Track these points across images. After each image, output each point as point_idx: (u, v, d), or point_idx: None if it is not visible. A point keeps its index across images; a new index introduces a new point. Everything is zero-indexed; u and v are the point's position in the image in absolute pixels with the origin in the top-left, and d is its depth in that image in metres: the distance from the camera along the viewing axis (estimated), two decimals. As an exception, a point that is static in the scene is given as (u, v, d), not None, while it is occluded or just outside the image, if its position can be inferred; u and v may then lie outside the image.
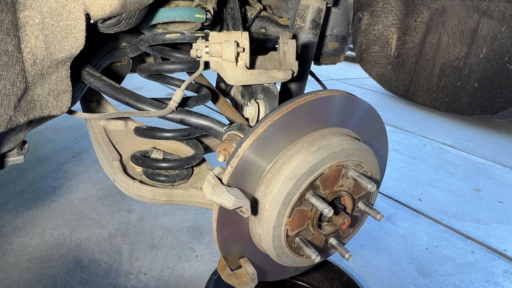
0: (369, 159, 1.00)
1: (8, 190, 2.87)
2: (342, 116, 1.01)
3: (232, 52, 0.92)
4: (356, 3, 1.13)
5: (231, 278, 1.03)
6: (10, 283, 2.04)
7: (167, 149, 1.34)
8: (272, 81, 1.01)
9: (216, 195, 0.82)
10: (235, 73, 0.96)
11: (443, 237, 2.73)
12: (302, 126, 0.94)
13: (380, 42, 1.08)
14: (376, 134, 1.15)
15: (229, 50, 0.91)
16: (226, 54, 0.92)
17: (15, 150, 1.07)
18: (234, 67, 0.94)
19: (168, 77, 1.33)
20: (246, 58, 0.95)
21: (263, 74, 0.98)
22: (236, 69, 0.95)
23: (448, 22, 1.06)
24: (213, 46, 0.93)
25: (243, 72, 0.96)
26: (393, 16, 1.04)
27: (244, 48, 0.94)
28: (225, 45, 0.92)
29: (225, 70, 0.95)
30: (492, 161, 3.99)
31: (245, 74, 0.96)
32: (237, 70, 0.95)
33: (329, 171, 0.93)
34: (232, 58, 0.93)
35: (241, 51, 0.94)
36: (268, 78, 0.99)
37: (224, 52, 0.92)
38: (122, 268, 2.20)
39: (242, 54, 0.94)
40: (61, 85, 0.87)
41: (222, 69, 0.95)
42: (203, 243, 2.44)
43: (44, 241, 2.38)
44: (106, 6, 0.79)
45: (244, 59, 0.95)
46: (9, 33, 0.72)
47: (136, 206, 2.77)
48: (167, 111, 1.01)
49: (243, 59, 0.96)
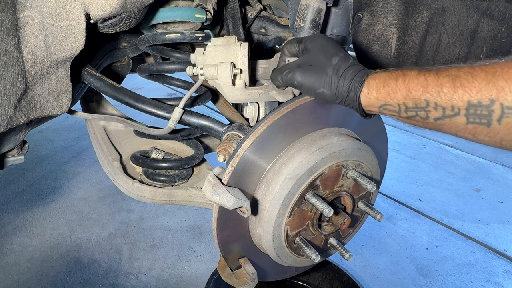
0: (369, 159, 1.00)
1: (8, 190, 2.87)
2: (342, 116, 1.01)
3: (228, 76, 0.87)
4: (356, 3, 1.13)
5: (231, 278, 1.03)
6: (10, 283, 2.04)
7: (167, 149, 1.34)
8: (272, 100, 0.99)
9: (216, 195, 0.82)
10: (233, 93, 0.92)
11: (443, 237, 2.73)
12: (302, 126, 0.94)
13: (380, 42, 1.08)
14: (376, 134, 1.15)
15: (225, 74, 0.86)
16: (222, 78, 0.87)
17: (15, 150, 1.07)
18: (232, 87, 0.90)
19: (168, 77, 1.33)
20: (245, 76, 0.90)
21: (262, 95, 0.94)
22: (234, 89, 0.91)
23: (448, 22, 1.06)
24: (208, 70, 0.87)
25: (242, 92, 0.92)
26: (393, 16, 1.04)
27: (242, 69, 0.89)
28: (220, 68, 0.86)
29: (223, 90, 0.92)
30: (492, 161, 3.99)
31: (244, 94, 0.92)
32: (235, 91, 0.91)
33: (329, 171, 0.93)
34: (228, 82, 0.88)
35: (238, 73, 0.88)
36: (268, 98, 0.96)
37: (219, 76, 0.87)
38: (122, 268, 2.20)
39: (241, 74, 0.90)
40: (61, 85, 0.87)
41: (220, 89, 0.92)
42: (203, 243, 2.44)
43: (44, 241, 2.38)
44: (106, 6, 0.79)
45: (243, 78, 0.90)
46: (9, 33, 0.72)
47: (136, 206, 2.77)
48: (166, 131, 1.02)
49: (242, 78, 0.91)
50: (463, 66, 0.64)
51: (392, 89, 0.70)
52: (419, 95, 0.66)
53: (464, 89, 0.60)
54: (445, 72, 0.64)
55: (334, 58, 0.78)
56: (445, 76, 0.64)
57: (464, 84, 0.61)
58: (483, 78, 0.58)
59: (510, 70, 0.56)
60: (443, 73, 0.64)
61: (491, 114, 0.58)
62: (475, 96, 0.59)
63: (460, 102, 0.61)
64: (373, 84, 0.73)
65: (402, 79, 0.69)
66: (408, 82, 0.68)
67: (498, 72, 0.57)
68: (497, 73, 0.57)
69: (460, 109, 0.62)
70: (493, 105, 0.58)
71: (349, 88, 0.76)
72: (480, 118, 0.60)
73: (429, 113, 0.66)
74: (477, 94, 0.59)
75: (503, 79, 0.57)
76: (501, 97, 0.57)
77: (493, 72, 0.58)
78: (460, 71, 0.62)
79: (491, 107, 0.58)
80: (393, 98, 0.70)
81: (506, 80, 0.56)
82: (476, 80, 0.59)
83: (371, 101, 0.74)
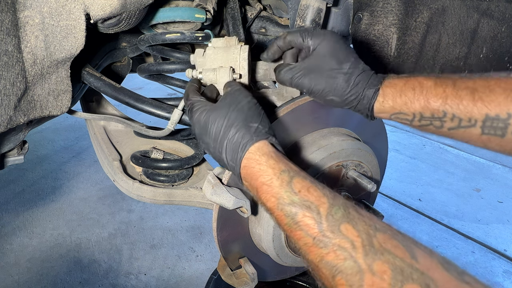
0: (369, 159, 1.00)
1: (8, 190, 2.87)
2: (342, 116, 1.01)
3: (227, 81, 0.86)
4: (356, 3, 1.13)
5: (231, 278, 1.03)
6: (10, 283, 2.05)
7: (167, 149, 1.34)
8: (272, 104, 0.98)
9: (216, 195, 0.82)
10: None
11: (443, 237, 2.73)
12: (302, 126, 0.94)
13: (380, 42, 1.08)
14: (376, 134, 1.15)
15: (224, 80, 0.85)
16: (221, 83, 0.86)
17: (15, 150, 1.07)
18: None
19: (168, 77, 1.33)
20: (244, 81, 0.89)
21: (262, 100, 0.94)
22: None
23: (448, 22, 1.06)
24: (207, 75, 0.86)
25: None
26: (393, 16, 1.04)
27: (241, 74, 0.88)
28: (219, 73, 0.85)
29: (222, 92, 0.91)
30: (492, 161, 3.99)
31: None
32: None
33: (329, 171, 0.93)
34: None
35: (237, 78, 0.88)
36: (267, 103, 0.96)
37: (218, 81, 0.86)
38: (122, 268, 2.20)
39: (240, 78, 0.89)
40: (61, 85, 0.87)
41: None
42: (203, 243, 2.44)
43: (44, 241, 2.38)
44: (106, 6, 0.79)
45: (243, 82, 0.89)
46: (9, 33, 0.72)
47: (136, 206, 2.77)
48: (165, 133, 1.02)
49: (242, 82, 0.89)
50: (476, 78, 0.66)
51: (410, 99, 0.71)
52: (437, 106, 0.68)
53: (484, 103, 0.63)
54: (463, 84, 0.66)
55: (345, 64, 0.76)
56: (464, 89, 0.65)
57: (483, 98, 0.63)
58: (501, 93, 0.62)
59: None
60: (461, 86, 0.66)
61: (507, 127, 0.62)
62: (493, 109, 0.62)
63: (478, 115, 0.64)
64: (389, 93, 0.73)
65: (420, 89, 0.70)
66: (427, 93, 0.69)
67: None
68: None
69: (477, 121, 0.64)
70: (510, 119, 0.61)
71: (362, 96, 0.76)
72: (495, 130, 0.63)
73: (444, 123, 0.68)
74: (496, 108, 0.62)
75: None
76: None
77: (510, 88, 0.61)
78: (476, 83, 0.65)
79: (508, 121, 0.61)
80: (410, 108, 0.71)
81: None
82: (494, 94, 0.62)
83: (385, 109, 0.75)
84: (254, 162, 0.65)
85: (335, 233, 0.51)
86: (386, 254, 0.47)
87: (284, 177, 0.61)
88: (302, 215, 0.56)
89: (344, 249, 0.50)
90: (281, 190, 0.59)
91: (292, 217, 0.57)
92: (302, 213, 0.56)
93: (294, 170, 0.62)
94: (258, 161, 0.64)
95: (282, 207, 0.58)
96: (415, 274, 0.44)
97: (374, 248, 0.48)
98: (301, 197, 0.57)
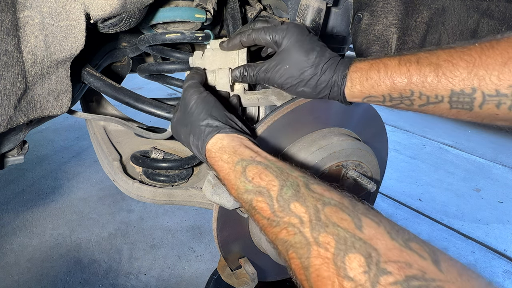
0: (369, 159, 1.00)
1: (8, 190, 2.87)
2: (342, 116, 1.01)
3: (226, 82, 0.86)
4: (356, 3, 1.13)
5: (231, 278, 1.03)
6: (10, 283, 2.05)
7: (167, 149, 1.34)
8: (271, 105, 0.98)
9: (216, 195, 0.82)
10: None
11: (443, 237, 2.73)
12: (302, 126, 0.94)
13: (380, 42, 1.08)
14: (376, 134, 1.15)
15: (223, 81, 0.86)
16: (220, 85, 0.86)
17: (15, 150, 1.07)
18: (230, 93, 0.90)
19: (168, 77, 1.33)
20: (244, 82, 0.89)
21: (262, 100, 0.94)
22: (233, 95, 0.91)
23: (448, 22, 1.06)
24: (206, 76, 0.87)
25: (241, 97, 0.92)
26: (393, 16, 1.04)
27: None
28: (218, 75, 0.86)
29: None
30: (492, 161, 3.99)
31: (242, 99, 0.92)
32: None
33: (329, 171, 0.93)
34: (227, 88, 0.88)
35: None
36: (267, 103, 0.96)
37: (218, 83, 0.86)
38: (122, 268, 2.20)
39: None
40: (61, 85, 0.87)
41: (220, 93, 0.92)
42: (203, 243, 2.44)
43: (44, 241, 2.38)
44: (106, 6, 0.79)
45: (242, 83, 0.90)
46: (9, 33, 0.72)
47: (136, 206, 2.77)
48: (165, 136, 1.03)
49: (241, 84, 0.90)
50: (440, 52, 0.65)
51: (376, 82, 0.71)
52: (403, 86, 0.68)
53: (447, 79, 0.63)
54: (426, 60, 0.66)
55: (311, 54, 0.76)
56: (427, 66, 0.65)
57: (447, 74, 0.63)
58: (464, 67, 0.61)
59: (488, 59, 0.59)
60: (424, 62, 0.66)
61: (473, 101, 0.62)
62: (457, 85, 0.62)
63: (443, 91, 0.64)
64: (355, 78, 0.74)
65: (384, 70, 0.70)
66: (391, 74, 0.69)
67: (477, 61, 0.60)
68: (477, 63, 0.60)
69: (443, 97, 0.65)
70: (474, 93, 0.61)
71: (331, 83, 0.76)
72: (463, 104, 0.63)
73: (413, 101, 0.69)
74: (460, 83, 0.62)
75: (483, 69, 0.60)
76: (482, 86, 0.60)
77: (473, 62, 0.60)
78: (440, 58, 0.64)
79: (473, 95, 0.61)
80: (377, 90, 0.71)
81: (485, 69, 0.59)
82: (457, 69, 0.62)
83: (355, 93, 0.75)
84: (213, 160, 0.70)
85: (285, 212, 0.55)
86: (331, 226, 0.50)
87: (238, 168, 0.65)
88: (256, 200, 0.60)
89: (293, 225, 0.53)
90: (237, 181, 0.64)
91: (249, 203, 0.61)
92: (255, 199, 0.60)
93: (248, 159, 0.65)
94: (214, 158, 0.70)
95: (240, 196, 0.63)
96: (357, 243, 0.46)
97: (321, 221, 0.51)
98: (254, 184, 0.61)
